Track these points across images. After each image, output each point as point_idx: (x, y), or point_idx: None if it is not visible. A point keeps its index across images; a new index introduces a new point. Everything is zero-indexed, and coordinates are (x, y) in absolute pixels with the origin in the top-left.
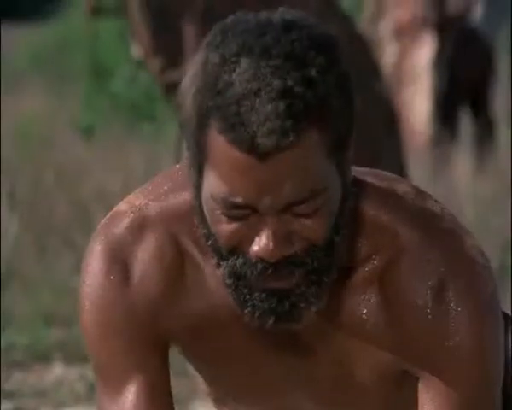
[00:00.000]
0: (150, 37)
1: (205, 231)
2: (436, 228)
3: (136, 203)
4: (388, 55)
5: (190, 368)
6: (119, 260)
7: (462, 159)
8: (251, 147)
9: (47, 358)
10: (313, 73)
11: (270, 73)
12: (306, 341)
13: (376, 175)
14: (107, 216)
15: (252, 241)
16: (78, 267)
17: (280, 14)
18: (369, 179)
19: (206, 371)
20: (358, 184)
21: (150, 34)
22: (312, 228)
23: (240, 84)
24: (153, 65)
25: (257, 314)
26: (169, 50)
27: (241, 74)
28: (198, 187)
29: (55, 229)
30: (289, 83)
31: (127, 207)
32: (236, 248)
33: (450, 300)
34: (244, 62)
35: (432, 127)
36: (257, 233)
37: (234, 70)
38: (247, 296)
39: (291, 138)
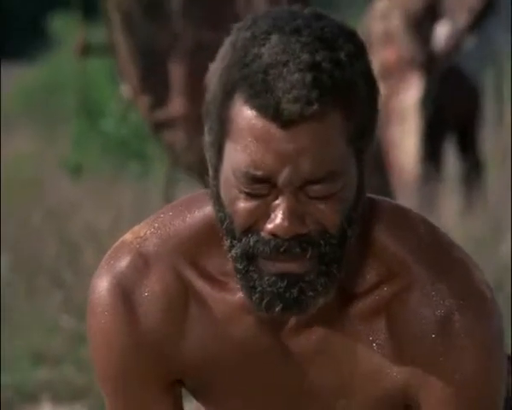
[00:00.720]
0: (138, 76)
1: (221, 214)
2: (446, 261)
3: (141, 234)
4: None
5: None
6: (124, 298)
7: (450, 198)
8: (275, 113)
9: (35, 397)
10: (342, 55)
11: (299, 48)
12: (310, 367)
13: (390, 202)
14: (113, 248)
15: (267, 220)
16: (67, 306)
17: (310, 8)
18: (383, 205)
19: (212, 404)
20: (373, 207)
21: (138, 73)
22: (326, 213)
23: (268, 56)
24: (141, 104)
25: (265, 301)
26: (157, 89)
27: (271, 48)
28: (217, 168)
29: (44, 268)
30: (318, 58)
31: (132, 238)
32: (251, 228)
33: (457, 333)
34: (274, 38)
35: (420, 166)
36: (273, 212)
37: (263, 45)
38: (257, 281)
39: (315, 107)
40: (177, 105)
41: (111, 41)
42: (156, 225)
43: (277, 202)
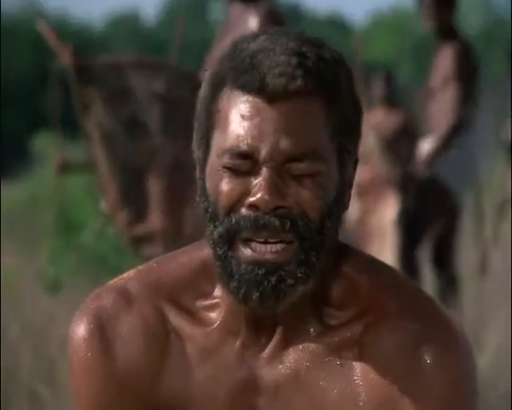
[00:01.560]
0: (117, 191)
1: (205, 204)
2: (415, 298)
3: (125, 276)
4: (351, 212)
5: None
6: (102, 331)
7: None
8: (261, 87)
9: None
10: (327, 54)
11: (286, 39)
12: (284, 397)
13: (359, 249)
14: (97, 290)
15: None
16: None
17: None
18: (354, 250)
19: None
20: (345, 248)
21: (117, 189)
22: (307, 196)
23: (256, 45)
24: (120, 219)
25: (242, 289)
26: (136, 205)
27: (259, 42)
28: (204, 160)
29: (19, 382)
30: (304, 49)
31: (115, 280)
32: (234, 208)
33: (424, 364)
34: (263, 36)
35: None
36: (254, 188)
37: (252, 41)
38: (235, 268)
39: (299, 83)
40: (155, 220)
41: (90, 158)
42: (140, 268)
43: (259, 178)
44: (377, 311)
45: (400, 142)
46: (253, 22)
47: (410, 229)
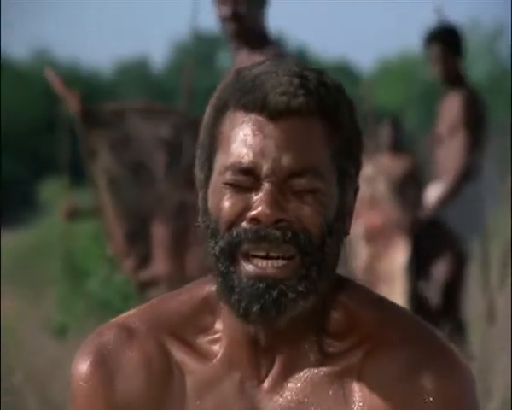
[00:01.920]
0: (124, 237)
1: (207, 222)
2: (413, 326)
3: (126, 314)
4: (361, 257)
5: None
6: (104, 366)
7: None
8: (263, 104)
9: None
10: (328, 80)
11: (288, 65)
12: None
13: (356, 281)
14: (99, 327)
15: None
16: None
17: None
18: (352, 281)
19: None
20: (344, 280)
21: (124, 235)
22: (308, 211)
23: (259, 70)
24: (126, 264)
25: (243, 303)
26: (142, 250)
27: (261, 67)
28: (206, 182)
29: None
30: (306, 73)
31: (118, 318)
32: (235, 222)
33: (424, 388)
34: (265, 63)
35: None
36: (255, 203)
37: (255, 67)
38: (236, 282)
39: (301, 100)
40: (160, 265)
41: (97, 204)
42: (141, 306)
43: (260, 194)
44: (376, 339)
45: (407, 187)
46: None
47: (418, 274)
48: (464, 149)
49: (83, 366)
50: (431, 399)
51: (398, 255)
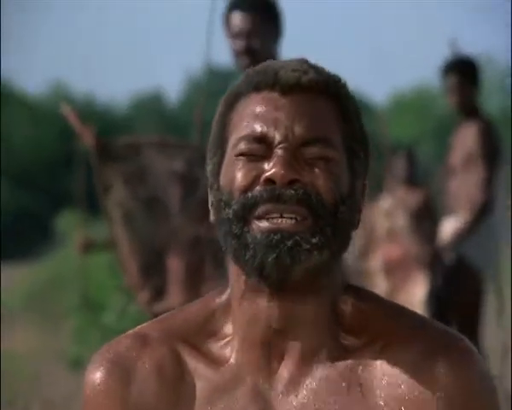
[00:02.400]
0: (138, 270)
1: (219, 196)
2: (421, 320)
3: (140, 326)
4: (379, 290)
5: None
6: (119, 370)
7: None
8: (274, 80)
9: None
10: (338, 78)
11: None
12: None
13: (364, 287)
14: (115, 337)
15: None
16: None
17: None
18: (361, 288)
19: None
20: (352, 285)
21: (138, 267)
22: (321, 177)
23: (269, 62)
24: (141, 297)
25: (259, 254)
26: (156, 283)
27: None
28: (219, 166)
29: None
30: (318, 67)
31: (132, 329)
32: (249, 188)
33: (443, 377)
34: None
35: None
36: (270, 166)
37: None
38: (250, 239)
39: (311, 76)
40: (175, 297)
41: (112, 237)
42: (158, 317)
43: (274, 158)
44: (390, 335)
45: (422, 220)
46: None
47: (437, 309)
48: (482, 183)
49: (97, 372)
50: (449, 382)
51: (417, 289)
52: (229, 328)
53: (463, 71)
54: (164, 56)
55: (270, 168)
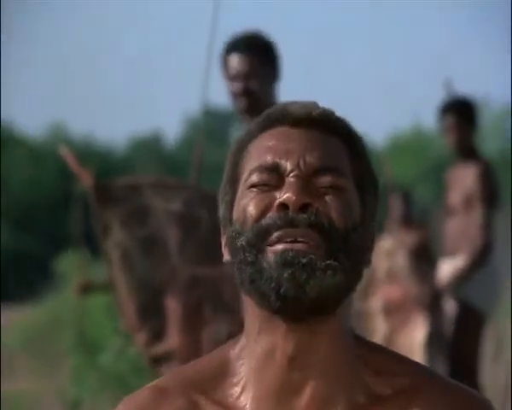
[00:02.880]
0: (136, 311)
1: (232, 229)
2: (434, 373)
3: (158, 379)
4: (379, 331)
5: None
6: None
7: None
8: (284, 115)
9: None
10: (346, 119)
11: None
12: None
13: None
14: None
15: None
16: None
17: None
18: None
19: None
20: (361, 337)
21: (136, 309)
22: (333, 205)
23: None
24: (139, 339)
25: (275, 274)
26: (154, 324)
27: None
28: (231, 203)
29: None
30: (326, 108)
31: (151, 383)
32: (262, 216)
33: None
34: None
35: None
36: (282, 192)
37: None
38: (264, 264)
39: (321, 111)
40: (173, 339)
41: (110, 278)
42: (175, 369)
43: (286, 185)
44: (411, 386)
45: (419, 261)
46: None
47: (440, 350)
48: (482, 224)
49: None
50: None
51: (417, 331)
52: (243, 376)
53: (461, 111)
54: (162, 98)
55: (282, 194)
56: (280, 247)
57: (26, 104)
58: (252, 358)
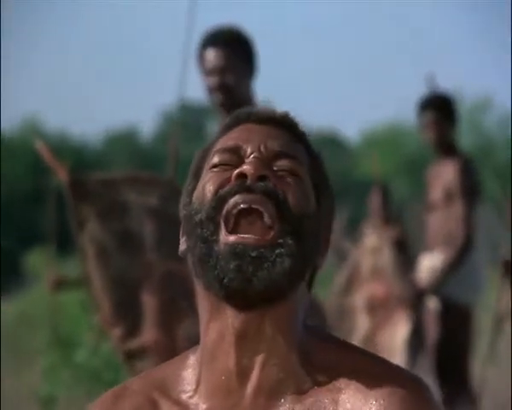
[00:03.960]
0: (111, 307)
1: (190, 208)
2: (377, 360)
3: (126, 380)
4: (361, 328)
5: None
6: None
7: None
8: (248, 115)
9: None
10: (302, 128)
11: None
12: None
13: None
14: None
15: None
16: None
17: None
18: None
19: None
20: (309, 326)
21: (111, 304)
22: (289, 187)
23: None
24: (113, 334)
25: (221, 263)
26: (129, 320)
27: None
28: (191, 191)
29: None
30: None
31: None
32: (220, 189)
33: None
34: None
35: None
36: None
37: None
38: (215, 248)
39: (284, 114)
40: (148, 334)
41: (84, 273)
42: (144, 371)
43: (245, 163)
44: (347, 372)
45: (400, 258)
46: None
47: (421, 348)
48: (465, 218)
49: None
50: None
51: (399, 329)
52: (198, 370)
53: (440, 108)
54: (138, 92)
55: (240, 167)
56: (232, 238)
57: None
58: (204, 350)
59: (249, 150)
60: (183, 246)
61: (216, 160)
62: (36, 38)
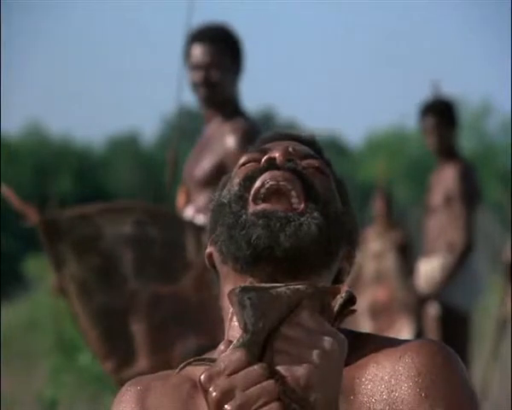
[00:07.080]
0: (100, 341)
1: (220, 196)
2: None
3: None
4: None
5: None
6: (137, 386)
7: None
8: (274, 135)
9: None
10: (319, 146)
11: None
12: None
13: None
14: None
15: None
16: None
17: None
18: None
19: None
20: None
21: (100, 339)
22: (316, 177)
23: None
24: (106, 367)
25: (250, 227)
26: (120, 350)
27: None
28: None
29: None
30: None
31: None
32: (250, 175)
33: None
34: None
35: None
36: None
37: None
38: (244, 217)
39: (308, 135)
40: (143, 362)
41: (71, 312)
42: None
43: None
44: (372, 349)
45: (404, 262)
46: (230, 141)
47: None
48: (464, 223)
49: (121, 390)
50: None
51: (402, 334)
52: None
53: (441, 112)
54: (140, 97)
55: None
56: (261, 206)
57: (3, 103)
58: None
59: (277, 153)
60: (209, 248)
61: (244, 158)
62: (37, 42)
